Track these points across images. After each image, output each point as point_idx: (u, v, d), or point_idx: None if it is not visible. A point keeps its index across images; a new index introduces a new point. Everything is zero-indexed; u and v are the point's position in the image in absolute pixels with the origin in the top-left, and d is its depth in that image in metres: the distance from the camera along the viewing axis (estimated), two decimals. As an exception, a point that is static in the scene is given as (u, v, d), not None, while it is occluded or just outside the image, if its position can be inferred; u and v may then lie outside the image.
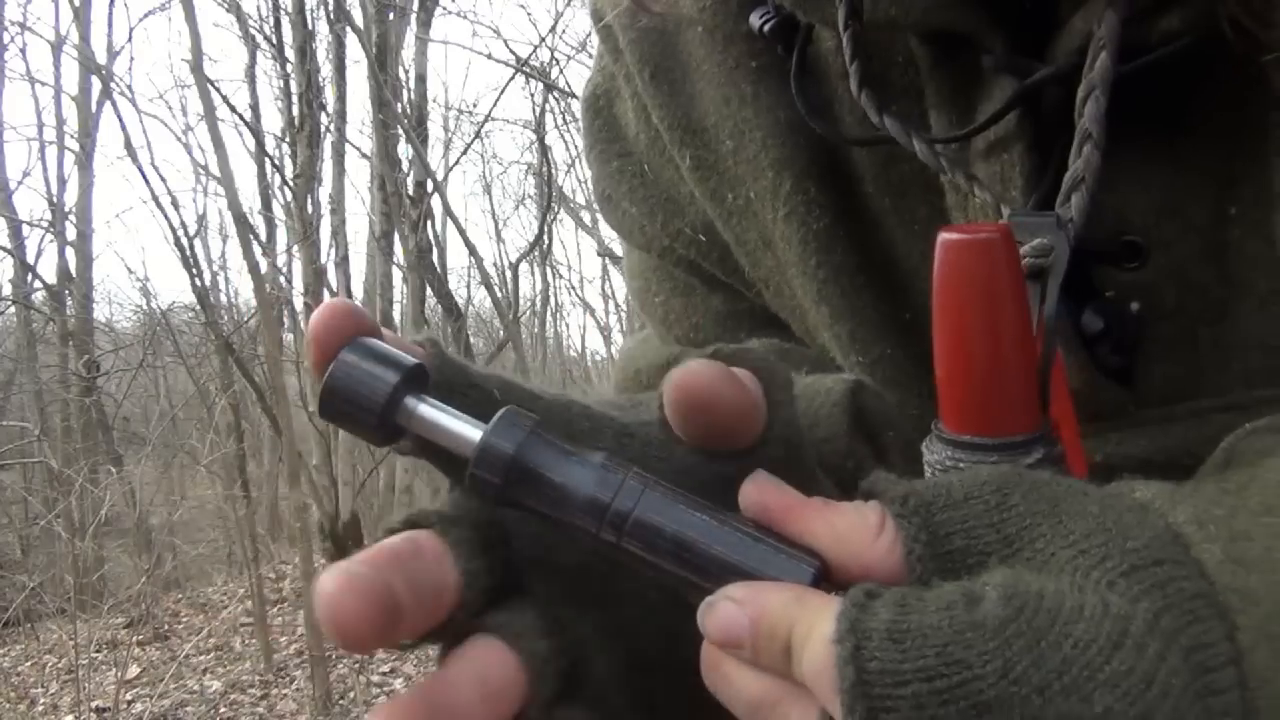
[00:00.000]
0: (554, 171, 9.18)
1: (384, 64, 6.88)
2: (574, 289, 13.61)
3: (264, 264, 6.14)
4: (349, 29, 7.04)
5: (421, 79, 7.54)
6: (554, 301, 12.58)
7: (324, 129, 7.43)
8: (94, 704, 4.51)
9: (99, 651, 5.27)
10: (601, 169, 0.70)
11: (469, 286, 12.16)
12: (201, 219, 9.39)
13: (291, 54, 7.33)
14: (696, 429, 0.34)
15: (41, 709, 4.83)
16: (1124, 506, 0.31)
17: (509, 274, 9.50)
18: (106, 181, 20.01)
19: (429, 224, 7.22)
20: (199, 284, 6.68)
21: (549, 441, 0.33)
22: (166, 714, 4.49)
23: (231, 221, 5.65)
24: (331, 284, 7.07)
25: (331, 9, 7.17)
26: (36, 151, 11.67)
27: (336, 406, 0.33)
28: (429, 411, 0.33)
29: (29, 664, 5.59)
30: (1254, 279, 0.46)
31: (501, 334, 8.32)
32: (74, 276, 8.80)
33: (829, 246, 0.57)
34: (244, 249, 4.80)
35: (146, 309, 9.70)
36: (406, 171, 7.20)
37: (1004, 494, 0.31)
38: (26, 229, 9.27)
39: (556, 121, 10.85)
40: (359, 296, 7.75)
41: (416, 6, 7.52)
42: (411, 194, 7.00)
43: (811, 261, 0.58)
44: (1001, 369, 0.38)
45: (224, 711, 4.53)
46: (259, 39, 8.32)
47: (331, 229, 7.38)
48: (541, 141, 9.23)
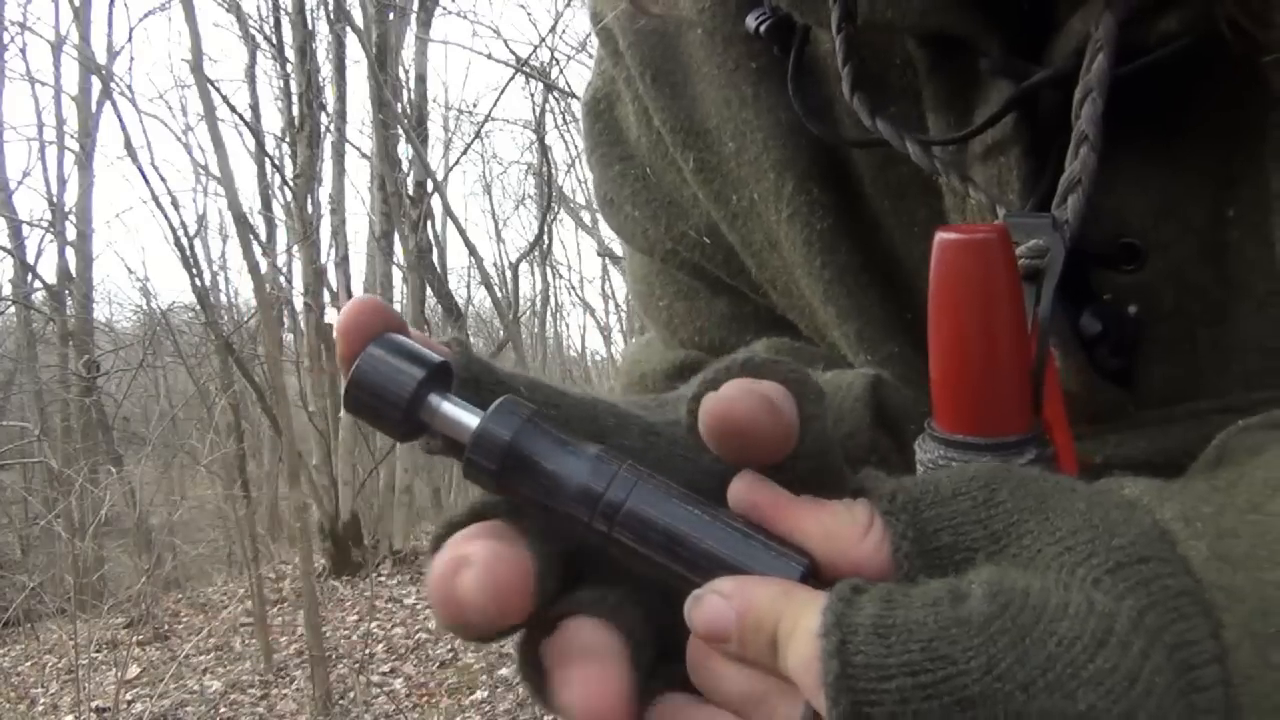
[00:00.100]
0: (554, 171, 9.19)
1: (384, 64, 6.88)
2: (574, 289, 13.65)
3: (264, 264, 6.14)
4: (349, 29, 7.05)
5: (421, 79, 7.55)
6: (554, 301, 12.62)
7: (324, 129, 7.43)
8: (94, 704, 4.51)
9: (99, 651, 5.27)
10: (603, 173, 0.69)
11: (469, 286, 12.20)
12: (201, 219, 9.43)
13: (291, 54, 7.33)
14: (729, 452, 0.33)
15: (41, 709, 4.83)
16: (1111, 503, 0.31)
17: (509, 274, 9.52)
18: (106, 181, 20.15)
19: (429, 224, 7.23)
20: (199, 284, 6.69)
21: (545, 430, 0.33)
22: (166, 714, 4.49)
23: (231, 221, 5.66)
24: (331, 284, 7.08)
25: (331, 9, 7.18)
26: (36, 151, 11.73)
27: (362, 400, 0.33)
28: (452, 409, 0.33)
29: (29, 664, 5.60)
30: (1252, 281, 0.46)
31: (501, 334, 8.32)
32: (74, 276, 8.81)
33: (833, 246, 0.57)
34: (244, 249, 4.80)
35: (146, 309, 9.75)
36: (406, 171, 7.21)
37: (992, 490, 0.31)
38: (26, 229, 9.30)
39: (556, 121, 10.89)
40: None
41: (416, 6, 7.52)
42: (411, 194, 7.00)
43: (816, 262, 0.57)
44: (996, 369, 0.38)
45: (224, 711, 4.52)
46: (259, 39, 8.34)
47: (331, 229, 7.38)
48: (541, 141, 9.24)
